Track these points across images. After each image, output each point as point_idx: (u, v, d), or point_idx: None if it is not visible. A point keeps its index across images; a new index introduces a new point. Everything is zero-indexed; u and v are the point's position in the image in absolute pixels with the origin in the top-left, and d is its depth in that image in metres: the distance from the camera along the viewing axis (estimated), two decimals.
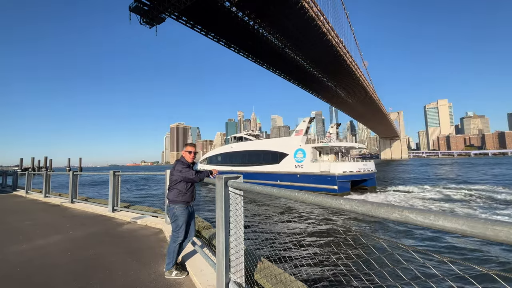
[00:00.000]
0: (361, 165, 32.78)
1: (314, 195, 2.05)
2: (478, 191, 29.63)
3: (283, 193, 2.42)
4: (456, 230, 1.21)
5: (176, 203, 4.73)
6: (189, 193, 4.82)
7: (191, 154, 4.98)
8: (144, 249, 6.09)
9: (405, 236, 14.18)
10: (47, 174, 16.41)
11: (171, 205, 4.76)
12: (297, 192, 2.27)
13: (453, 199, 25.21)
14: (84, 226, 8.41)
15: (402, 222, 1.45)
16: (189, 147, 5.01)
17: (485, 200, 23.99)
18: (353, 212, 1.70)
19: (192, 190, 4.87)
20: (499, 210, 19.67)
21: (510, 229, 1.06)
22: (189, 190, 4.81)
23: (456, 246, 12.56)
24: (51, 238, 7.05)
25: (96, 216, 10.13)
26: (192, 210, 4.95)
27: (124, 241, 6.76)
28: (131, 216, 9.41)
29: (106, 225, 8.58)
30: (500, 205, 21.80)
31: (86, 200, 13.34)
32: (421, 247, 12.66)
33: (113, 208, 10.33)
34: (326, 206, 1.90)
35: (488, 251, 11.75)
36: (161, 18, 54.26)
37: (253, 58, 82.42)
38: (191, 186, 4.86)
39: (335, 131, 38.84)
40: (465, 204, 22.17)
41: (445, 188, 33.38)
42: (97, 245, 6.41)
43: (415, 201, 24.79)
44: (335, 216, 18.67)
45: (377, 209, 1.55)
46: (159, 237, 7.02)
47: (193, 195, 4.91)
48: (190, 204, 4.91)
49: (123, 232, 7.66)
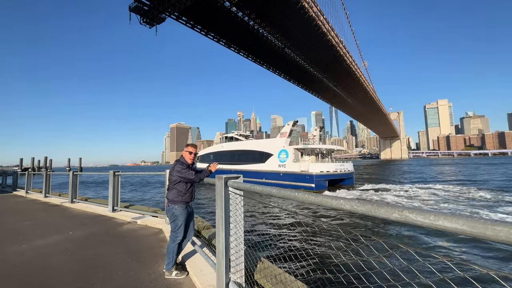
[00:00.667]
0: (338, 165, 36.72)
1: (314, 195, 2.05)
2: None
3: (283, 193, 2.42)
4: (456, 230, 1.22)
5: (176, 203, 4.72)
6: (189, 194, 4.81)
7: (191, 155, 4.96)
8: (144, 249, 6.08)
9: (407, 237, 14.20)
10: (47, 174, 16.41)
11: (171, 205, 4.75)
12: (297, 192, 2.27)
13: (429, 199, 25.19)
14: (84, 226, 8.40)
15: (402, 222, 1.46)
16: (190, 147, 5.01)
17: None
18: (353, 212, 1.71)
19: (191, 191, 4.87)
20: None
21: (510, 229, 1.06)
22: (188, 191, 4.80)
23: (457, 246, 12.58)
24: (51, 238, 7.04)
25: (96, 216, 10.12)
26: (191, 210, 4.95)
27: (124, 241, 6.76)
28: (131, 216, 9.40)
29: (106, 225, 8.57)
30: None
31: (86, 200, 13.33)
32: (422, 246, 12.67)
33: (113, 208, 10.32)
34: (326, 206, 1.90)
35: (490, 250, 11.78)
36: (161, 18, 54.33)
37: (253, 58, 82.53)
38: (191, 186, 4.86)
39: (318, 133, 42.67)
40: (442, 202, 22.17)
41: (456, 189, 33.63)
42: (97, 245, 6.40)
43: (387, 196, 26.64)
44: (336, 216, 18.69)
45: (377, 209, 1.55)
46: (159, 237, 7.01)
47: (193, 196, 4.91)
48: (190, 204, 4.92)
49: (123, 232, 7.65)
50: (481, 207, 20.66)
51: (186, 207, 4.80)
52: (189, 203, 4.89)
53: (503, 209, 19.88)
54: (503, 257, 11.15)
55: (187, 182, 4.79)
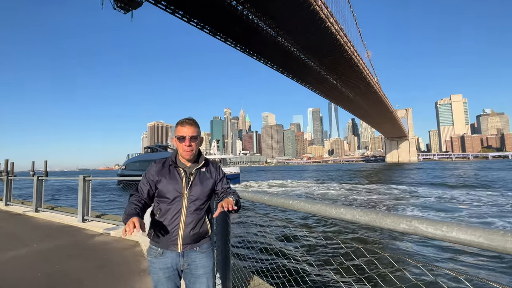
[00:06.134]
0: (228, 169, 59.65)
1: (311, 203, 2.03)
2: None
3: (275, 200, 2.40)
4: (471, 243, 1.20)
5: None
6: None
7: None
8: (118, 264, 6.02)
9: (415, 249, 14.26)
10: (8, 179, 16.19)
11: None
12: (292, 200, 2.25)
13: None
14: (50, 238, 8.29)
15: (410, 234, 1.44)
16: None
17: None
18: (355, 222, 1.69)
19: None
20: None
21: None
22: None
23: (471, 259, 12.64)
24: (13, 252, 6.92)
25: (64, 226, 10.00)
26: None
27: (95, 255, 6.69)
28: (103, 226, 9.31)
29: (75, 237, 8.49)
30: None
31: (53, 209, 13.14)
32: (430, 260, 12.73)
33: (83, 218, 10.20)
34: (324, 215, 1.89)
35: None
36: (138, 2, 53.89)
37: (241, 48, 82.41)
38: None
39: (216, 145, 67.56)
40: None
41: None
42: (65, 260, 6.32)
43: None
44: (333, 224, 18.73)
45: (382, 219, 1.54)
46: (135, 251, 6.94)
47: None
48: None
49: (95, 244, 7.57)
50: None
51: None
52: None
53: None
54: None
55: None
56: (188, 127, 2.78)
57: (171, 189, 2.71)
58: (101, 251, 6.94)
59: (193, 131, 2.78)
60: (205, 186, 2.81)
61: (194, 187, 2.75)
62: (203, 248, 2.79)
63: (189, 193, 2.72)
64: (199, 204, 2.74)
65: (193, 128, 2.80)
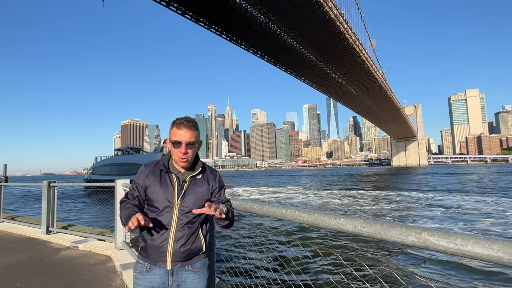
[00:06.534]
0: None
1: (307, 212, 2.03)
2: None
3: (266, 209, 2.40)
4: (489, 258, 1.20)
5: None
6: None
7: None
8: (88, 282, 6.03)
9: (422, 264, 14.34)
10: None
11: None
12: (285, 209, 2.25)
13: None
14: (9, 253, 8.32)
15: (420, 247, 1.44)
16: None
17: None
18: (357, 234, 1.69)
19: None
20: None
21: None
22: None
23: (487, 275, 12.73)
24: None
25: (26, 239, 10.01)
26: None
27: (62, 271, 6.70)
28: (70, 239, 9.30)
29: (39, 251, 8.48)
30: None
31: (13, 219, 13.13)
32: (442, 276, 12.80)
33: (48, 229, 10.17)
34: (321, 226, 1.88)
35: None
36: None
37: (227, 36, 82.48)
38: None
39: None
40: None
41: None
42: (27, 277, 6.32)
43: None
44: (330, 235, 18.78)
45: (387, 231, 1.53)
46: (107, 267, 6.95)
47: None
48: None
49: (61, 260, 7.58)
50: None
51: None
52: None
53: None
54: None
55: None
56: (186, 130, 2.63)
57: (160, 198, 2.61)
58: (68, 267, 6.97)
59: (191, 136, 2.63)
60: (199, 196, 2.68)
61: (187, 197, 2.63)
62: (196, 267, 2.68)
63: (181, 203, 2.60)
64: (192, 216, 2.62)
65: (191, 132, 2.65)
